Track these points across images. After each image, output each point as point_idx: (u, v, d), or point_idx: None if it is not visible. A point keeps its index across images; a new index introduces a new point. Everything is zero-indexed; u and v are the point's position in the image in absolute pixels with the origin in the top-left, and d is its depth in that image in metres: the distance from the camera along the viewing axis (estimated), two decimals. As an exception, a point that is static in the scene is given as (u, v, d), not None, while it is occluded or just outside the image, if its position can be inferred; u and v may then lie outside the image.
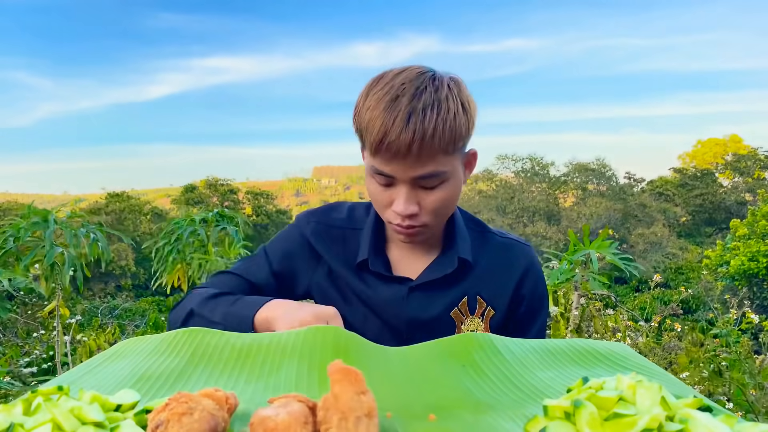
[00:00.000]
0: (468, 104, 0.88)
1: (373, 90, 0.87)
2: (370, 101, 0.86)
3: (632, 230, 22.89)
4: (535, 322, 1.07)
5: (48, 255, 2.65)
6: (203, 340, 0.77)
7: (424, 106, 0.82)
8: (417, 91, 0.84)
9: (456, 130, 0.85)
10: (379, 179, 0.90)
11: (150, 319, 5.67)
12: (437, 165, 0.86)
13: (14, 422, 0.42)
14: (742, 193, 28.22)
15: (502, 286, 1.04)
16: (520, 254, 1.07)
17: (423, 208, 0.90)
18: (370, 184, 0.93)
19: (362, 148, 0.95)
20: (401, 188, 0.88)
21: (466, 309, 1.02)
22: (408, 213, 0.88)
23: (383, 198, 0.91)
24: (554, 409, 0.47)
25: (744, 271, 12.29)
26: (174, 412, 0.42)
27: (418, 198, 0.89)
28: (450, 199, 0.92)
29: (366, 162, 0.93)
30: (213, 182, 29.31)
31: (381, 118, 0.83)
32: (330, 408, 0.42)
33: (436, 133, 0.82)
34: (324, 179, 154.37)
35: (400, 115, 0.82)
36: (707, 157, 34.91)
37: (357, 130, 0.91)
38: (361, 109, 0.88)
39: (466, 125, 0.88)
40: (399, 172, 0.86)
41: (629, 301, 10.14)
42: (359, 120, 0.88)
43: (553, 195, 25.49)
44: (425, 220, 0.91)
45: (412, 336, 1.01)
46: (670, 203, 26.78)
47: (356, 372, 0.44)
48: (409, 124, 0.81)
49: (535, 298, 1.06)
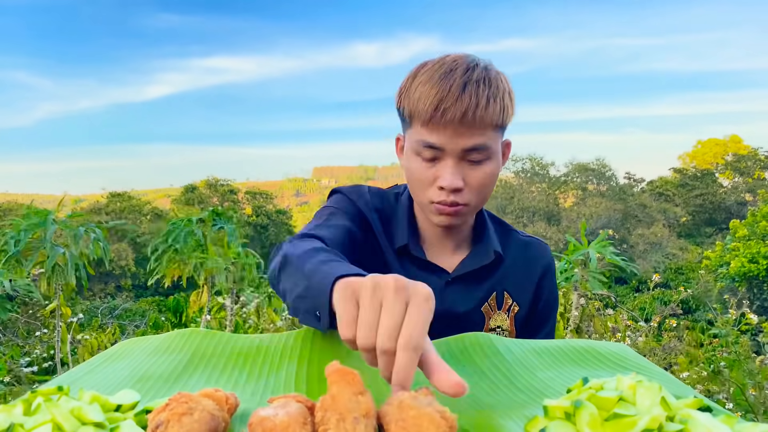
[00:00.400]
0: (512, 92, 0.92)
1: (422, 70, 0.90)
2: (420, 78, 0.88)
3: (632, 230, 22.89)
4: (548, 320, 1.08)
5: (50, 256, 2.65)
6: (203, 340, 0.77)
7: (477, 79, 0.86)
8: (470, 67, 0.87)
9: (504, 107, 0.88)
10: (427, 153, 0.89)
11: (150, 319, 5.67)
12: (486, 138, 0.88)
13: (14, 422, 0.42)
14: (742, 193, 28.22)
15: (526, 282, 1.05)
16: (541, 252, 1.09)
17: (467, 184, 0.90)
18: (413, 163, 0.92)
19: (405, 129, 0.95)
20: (448, 161, 0.88)
21: (495, 304, 1.03)
22: (455, 186, 0.88)
23: (428, 175, 0.91)
24: (554, 409, 0.47)
25: (744, 273, 12.29)
26: (174, 412, 0.42)
27: (463, 173, 0.90)
28: (492, 179, 0.93)
29: (410, 140, 0.92)
30: (213, 182, 29.31)
31: (437, 87, 0.85)
32: (328, 409, 0.42)
33: (489, 105, 0.85)
34: (324, 179, 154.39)
35: (456, 83, 0.84)
36: (707, 157, 34.92)
37: (404, 109, 0.91)
38: (410, 88, 0.90)
39: (512, 108, 0.91)
40: (450, 142, 0.87)
41: (629, 302, 10.14)
42: (408, 97, 0.90)
43: (553, 195, 25.49)
44: (468, 198, 0.91)
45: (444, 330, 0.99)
46: (670, 203, 26.78)
47: (354, 373, 0.44)
48: (464, 93, 0.84)
49: (551, 298, 1.08)
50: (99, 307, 8.28)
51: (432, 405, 0.44)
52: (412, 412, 0.42)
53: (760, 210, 13.47)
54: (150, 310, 8.98)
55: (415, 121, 0.90)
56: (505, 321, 1.03)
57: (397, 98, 0.94)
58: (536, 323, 1.07)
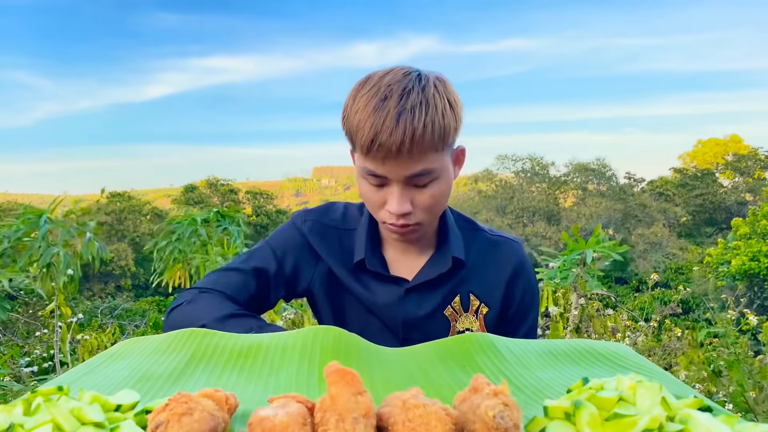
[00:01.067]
0: (454, 102, 0.90)
1: (360, 92, 0.88)
2: (358, 104, 0.87)
3: (632, 230, 22.89)
4: (526, 319, 1.07)
5: (43, 255, 2.65)
6: (203, 340, 0.77)
7: (413, 105, 0.84)
8: (404, 91, 0.85)
9: (445, 127, 0.86)
10: (372, 180, 0.90)
11: (150, 319, 5.67)
12: (428, 163, 0.87)
13: (14, 422, 0.42)
14: (742, 193, 28.22)
15: (494, 283, 1.05)
16: (509, 251, 1.07)
17: (416, 206, 0.91)
18: (362, 186, 0.94)
19: (352, 150, 0.96)
20: (394, 188, 0.89)
21: (460, 307, 1.03)
22: (402, 212, 0.89)
23: (376, 199, 0.92)
24: (554, 409, 0.47)
25: (745, 271, 12.29)
26: (174, 412, 0.42)
27: (411, 196, 0.90)
28: (442, 196, 0.93)
29: (357, 164, 0.93)
30: (213, 182, 29.32)
31: (371, 120, 0.84)
32: (327, 409, 0.42)
33: (426, 132, 0.84)
34: (324, 179, 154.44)
35: (390, 116, 0.83)
36: (707, 157, 34.91)
37: (347, 133, 0.92)
38: (349, 113, 0.89)
39: (454, 122, 0.89)
40: (391, 172, 0.87)
41: (629, 301, 10.14)
42: (348, 123, 0.89)
43: (553, 195, 25.49)
44: (419, 218, 0.92)
45: (408, 336, 1.03)
46: (670, 203, 26.78)
47: (353, 373, 0.44)
48: (399, 124, 0.83)
49: (527, 295, 1.07)
50: (99, 307, 8.28)
51: (435, 403, 0.44)
52: (419, 410, 0.42)
53: (761, 209, 13.48)
54: (150, 310, 8.98)
55: (357, 148, 0.90)
56: (474, 323, 1.03)
57: (341, 117, 0.93)
58: (514, 322, 1.06)
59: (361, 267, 1.02)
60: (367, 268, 1.02)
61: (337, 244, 1.05)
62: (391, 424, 0.43)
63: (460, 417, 0.45)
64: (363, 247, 1.02)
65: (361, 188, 0.94)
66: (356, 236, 1.05)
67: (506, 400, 0.44)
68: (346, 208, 1.11)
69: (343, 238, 1.06)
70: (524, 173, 26.06)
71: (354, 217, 1.08)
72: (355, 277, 1.03)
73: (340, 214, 1.09)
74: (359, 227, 1.05)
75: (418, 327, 1.02)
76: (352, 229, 1.06)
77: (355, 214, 1.09)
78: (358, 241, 1.03)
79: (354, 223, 1.07)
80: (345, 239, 1.05)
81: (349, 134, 0.91)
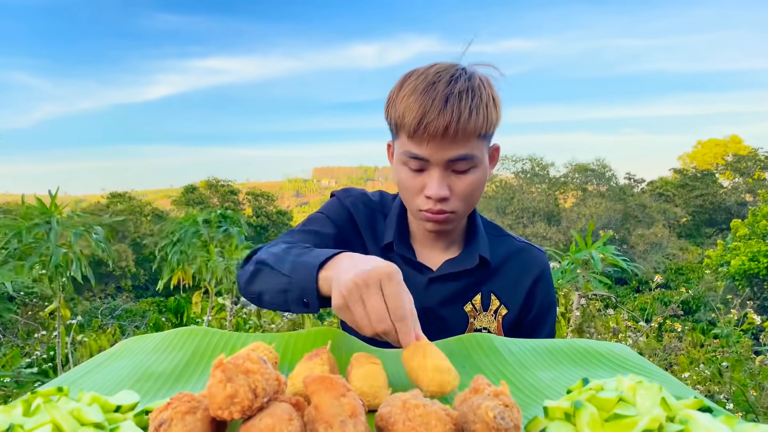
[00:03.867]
0: (497, 97, 0.94)
1: (407, 81, 0.92)
2: (405, 90, 0.90)
3: (632, 231, 22.87)
4: (543, 326, 1.08)
5: (53, 256, 2.65)
6: (203, 340, 0.77)
7: (460, 91, 0.87)
8: (452, 78, 0.89)
9: (488, 117, 0.89)
10: (413, 164, 0.91)
11: (150, 319, 5.67)
12: (470, 149, 0.89)
13: (14, 423, 0.42)
14: (742, 193, 28.20)
15: (516, 287, 1.06)
16: (535, 258, 1.09)
17: (454, 192, 0.92)
18: (401, 172, 0.95)
19: (393, 138, 0.98)
20: (434, 171, 0.90)
21: (480, 306, 1.04)
22: (441, 196, 0.90)
23: (415, 184, 0.93)
24: (554, 410, 0.47)
25: (744, 271, 12.29)
26: (177, 410, 0.42)
27: (449, 182, 0.92)
28: (478, 187, 0.95)
29: (398, 150, 0.95)
30: (213, 183, 29.30)
31: (419, 101, 0.87)
32: (314, 420, 0.42)
33: (472, 117, 0.87)
34: (324, 180, 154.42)
35: (438, 98, 0.86)
36: (707, 157, 34.89)
37: (391, 120, 0.94)
38: (395, 99, 0.92)
39: (496, 115, 0.92)
40: (434, 154, 0.89)
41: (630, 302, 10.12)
42: (394, 109, 0.92)
43: (553, 195, 25.47)
44: (455, 206, 0.93)
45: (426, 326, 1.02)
46: (670, 204, 26.76)
47: (330, 378, 0.44)
48: (446, 106, 0.86)
49: (546, 304, 1.08)
50: (99, 307, 8.28)
51: (435, 403, 0.44)
52: (419, 410, 0.42)
53: (761, 209, 13.47)
54: (150, 311, 8.98)
55: (401, 133, 0.92)
56: (492, 323, 1.04)
57: (385, 108, 0.96)
58: (533, 327, 1.08)
59: (390, 249, 1.04)
60: (395, 251, 1.03)
61: (373, 224, 1.08)
62: (391, 423, 0.43)
63: (460, 417, 0.45)
64: (393, 231, 1.04)
65: (400, 175, 0.95)
66: (388, 221, 1.07)
67: (506, 401, 0.44)
68: (381, 194, 1.14)
69: (378, 220, 1.08)
70: (524, 174, 26.04)
71: (388, 203, 1.11)
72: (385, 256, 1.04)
73: (378, 197, 1.12)
74: (390, 214, 1.08)
75: (436, 318, 1.03)
76: (386, 214, 1.09)
77: (389, 200, 1.11)
78: (389, 226, 1.06)
79: (388, 209, 1.10)
80: (379, 221, 1.08)
81: (394, 120, 0.92)
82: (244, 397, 0.41)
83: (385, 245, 1.05)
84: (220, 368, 0.41)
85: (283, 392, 0.47)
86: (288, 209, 38.44)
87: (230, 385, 0.41)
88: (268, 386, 0.43)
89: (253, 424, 0.41)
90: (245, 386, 0.41)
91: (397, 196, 1.10)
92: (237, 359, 0.43)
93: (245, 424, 0.41)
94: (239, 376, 0.42)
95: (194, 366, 0.70)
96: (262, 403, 0.42)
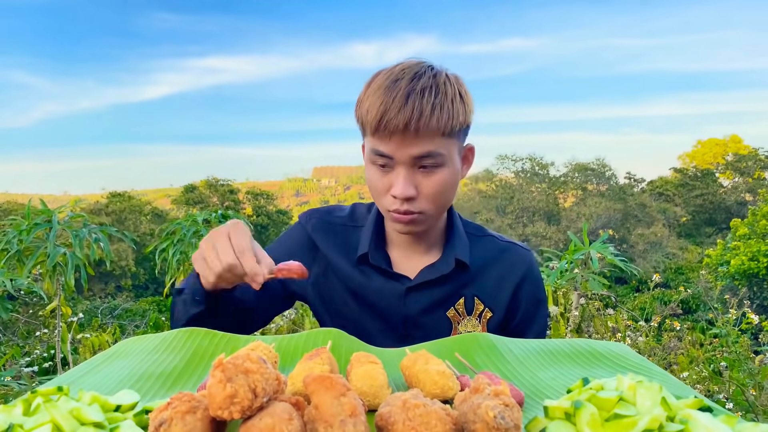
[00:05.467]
0: (465, 94, 0.92)
1: (374, 80, 0.92)
2: (371, 88, 0.90)
3: (632, 230, 22.87)
4: (531, 327, 1.07)
5: (51, 256, 2.65)
6: (203, 340, 0.77)
7: (422, 87, 0.87)
8: (416, 75, 0.88)
9: (453, 113, 0.88)
10: (379, 161, 0.91)
11: (150, 319, 5.66)
12: (434, 146, 0.88)
13: (13, 423, 0.42)
14: (742, 193, 28.20)
15: (500, 288, 1.04)
16: (519, 258, 1.07)
17: (421, 192, 0.91)
18: (369, 172, 0.95)
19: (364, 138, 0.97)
20: (400, 170, 0.90)
21: (463, 310, 1.03)
22: (406, 195, 0.89)
23: (382, 184, 0.92)
24: (555, 409, 0.47)
25: (744, 271, 12.28)
26: (177, 410, 0.42)
27: (416, 182, 0.90)
28: (447, 187, 0.93)
29: (366, 149, 0.95)
30: (213, 182, 29.27)
31: (381, 98, 0.87)
32: (314, 420, 0.42)
33: (434, 114, 0.86)
34: (324, 179, 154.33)
35: (400, 94, 0.86)
36: (707, 157, 34.88)
37: (359, 119, 0.94)
38: (362, 99, 0.92)
39: (464, 113, 0.91)
40: (398, 151, 0.88)
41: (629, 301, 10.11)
42: (361, 108, 0.92)
43: (553, 195, 25.47)
44: (423, 206, 0.92)
45: (409, 334, 1.02)
46: (670, 203, 26.76)
47: (330, 377, 0.44)
48: (407, 103, 0.85)
49: (533, 303, 1.07)
50: (99, 307, 8.27)
51: (435, 403, 0.44)
52: (419, 410, 0.42)
53: (761, 209, 13.47)
54: (150, 310, 8.97)
55: (367, 131, 0.92)
56: (476, 327, 1.03)
57: (355, 108, 0.96)
58: (522, 327, 1.06)
59: (365, 261, 1.03)
60: (370, 263, 1.02)
61: (342, 240, 1.07)
62: (391, 423, 0.43)
63: (460, 417, 0.45)
64: (368, 242, 1.03)
65: (369, 175, 0.95)
66: (363, 232, 1.06)
67: (506, 401, 0.44)
68: (354, 207, 1.13)
69: (349, 234, 1.07)
70: (524, 173, 26.04)
71: (362, 215, 1.10)
72: (359, 270, 1.03)
73: (348, 212, 1.11)
74: (366, 224, 1.06)
75: (420, 326, 1.01)
76: (359, 226, 1.08)
77: (363, 212, 1.10)
78: (364, 237, 1.04)
79: (362, 221, 1.08)
80: (351, 235, 1.07)
81: (360, 119, 0.92)
82: (244, 397, 0.41)
83: (359, 257, 1.03)
84: (220, 368, 0.41)
85: (283, 392, 0.47)
86: (288, 208, 38.43)
87: (230, 385, 0.41)
88: (267, 386, 0.43)
89: (253, 424, 0.41)
90: (245, 386, 0.41)
91: (373, 206, 1.08)
92: (237, 359, 0.43)
93: (245, 424, 0.41)
94: (239, 376, 0.42)
95: (194, 366, 0.70)
96: (262, 403, 0.42)
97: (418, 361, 0.60)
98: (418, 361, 0.60)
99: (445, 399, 0.56)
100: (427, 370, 0.57)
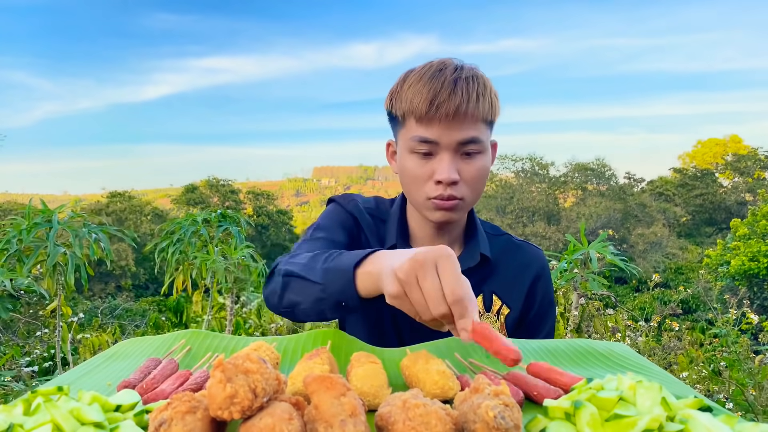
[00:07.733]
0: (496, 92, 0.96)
1: (412, 73, 0.94)
2: (411, 80, 0.92)
3: (632, 230, 22.86)
4: (544, 325, 1.08)
5: (51, 255, 2.65)
6: (203, 341, 0.77)
7: (467, 76, 0.90)
8: (457, 67, 0.92)
9: (492, 103, 0.92)
10: (422, 148, 0.92)
11: (150, 319, 5.66)
12: (478, 131, 0.91)
13: (13, 423, 0.42)
14: (742, 193, 28.18)
15: (517, 285, 1.06)
16: (534, 257, 1.10)
17: (462, 178, 0.93)
18: (408, 161, 0.95)
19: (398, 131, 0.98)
20: (444, 155, 0.91)
21: (482, 307, 1.04)
22: (452, 179, 0.91)
23: (424, 171, 0.93)
24: (555, 409, 0.47)
25: (744, 271, 12.28)
26: (177, 410, 0.42)
27: (458, 167, 0.92)
28: (484, 174, 0.96)
29: (404, 139, 0.95)
30: (214, 182, 29.25)
31: (429, 86, 0.89)
32: (314, 420, 0.42)
33: (480, 100, 0.89)
34: (324, 179, 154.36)
35: (447, 81, 0.89)
36: (707, 157, 34.87)
37: (397, 110, 0.95)
38: (401, 90, 0.93)
39: (497, 106, 0.95)
40: (444, 136, 0.90)
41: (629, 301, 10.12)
42: (401, 97, 0.93)
43: (553, 195, 25.45)
44: (463, 191, 0.94)
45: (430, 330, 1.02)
46: (670, 203, 26.74)
47: (330, 378, 0.44)
48: (456, 89, 0.88)
49: (546, 302, 1.09)
50: (99, 307, 8.27)
51: (435, 403, 0.44)
52: (419, 410, 0.42)
53: (761, 209, 13.46)
54: (150, 310, 8.97)
55: (409, 119, 0.93)
56: (495, 323, 1.04)
57: (388, 101, 0.97)
58: (534, 325, 1.08)
59: None
60: None
61: (375, 229, 1.08)
62: (391, 423, 0.43)
63: (460, 417, 0.45)
64: (394, 234, 1.04)
65: (408, 164, 0.95)
66: (388, 226, 1.07)
67: (506, 401, 0.44)
68: (376, 199, 1.14)
69: (378, 226, 1.09)
70: (524, 173, 26.03)
71: (386, 209, 1.11)
72: None
73: (374, 203, 1.13)
74: (390, 218, 1.08)
75: None
76: (384, 220, 1.09)
77: (386, 206, 1.12)
78: (390, 230, 1.06)
79: (385, 214, 1.10)
80: (379, 226, 1.09)
81: (402, 109, 0.93)
82: (244, 397, 0.41)
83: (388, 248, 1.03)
84: (220, 368, 0.41)
85: (283, 392, 0.47)
86: (288, 208, 38.44)
87: (230, 385, 0.41)
88: (267, 386, 0.43)
89: (253, 424, 0.41)
90: (245, 386, 0.41)
91: (393, 201, 1.10)
92: (237, 359, 0.43)
93: (245, 424, 0.41)
94: (239, 376, 0.42)
95: (193, 367, 0.70)
96: (262, 403, 0.42)
97: (419, 361, 0.60)
98: (419, 361, 0.60)
99: (445, 399, 0.56)
100: (428, 370, 0.57)
